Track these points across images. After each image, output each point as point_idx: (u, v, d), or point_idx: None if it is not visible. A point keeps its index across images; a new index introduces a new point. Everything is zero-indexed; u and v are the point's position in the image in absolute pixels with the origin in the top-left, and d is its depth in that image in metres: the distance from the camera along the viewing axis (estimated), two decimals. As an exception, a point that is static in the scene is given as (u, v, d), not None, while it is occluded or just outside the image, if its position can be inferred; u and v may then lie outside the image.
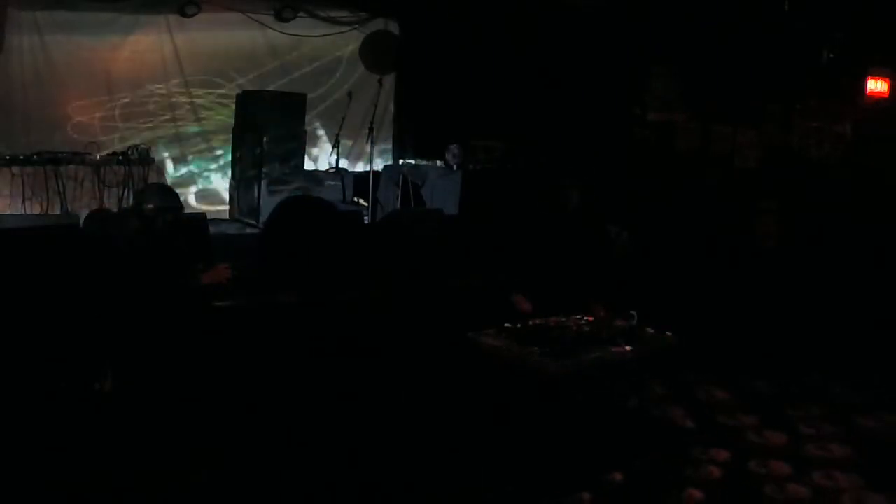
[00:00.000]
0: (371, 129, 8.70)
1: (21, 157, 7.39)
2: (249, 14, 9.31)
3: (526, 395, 4.33)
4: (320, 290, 5.63)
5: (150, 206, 4.72)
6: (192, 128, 9.20)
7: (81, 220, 6.65)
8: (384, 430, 4.56)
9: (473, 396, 4.61)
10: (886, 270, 6.52)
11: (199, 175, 9.23)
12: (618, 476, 4.15)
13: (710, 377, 5.69)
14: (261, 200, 8.41)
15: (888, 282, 6.45)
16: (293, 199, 7.41)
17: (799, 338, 6.30)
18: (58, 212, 7.26)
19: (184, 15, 8.82)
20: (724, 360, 6.02)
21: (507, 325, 4.61)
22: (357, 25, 10.05)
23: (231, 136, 9.28)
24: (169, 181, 8.30)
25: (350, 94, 8.78)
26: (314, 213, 6.48)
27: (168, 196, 4.88)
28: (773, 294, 6.88)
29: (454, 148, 8.73)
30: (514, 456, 4.21)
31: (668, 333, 4.73)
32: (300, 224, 6.08)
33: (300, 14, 9.57)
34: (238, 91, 9.24)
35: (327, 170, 9.11)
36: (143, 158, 7.88)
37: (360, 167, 9.76)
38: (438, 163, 8.99)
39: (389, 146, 10.44)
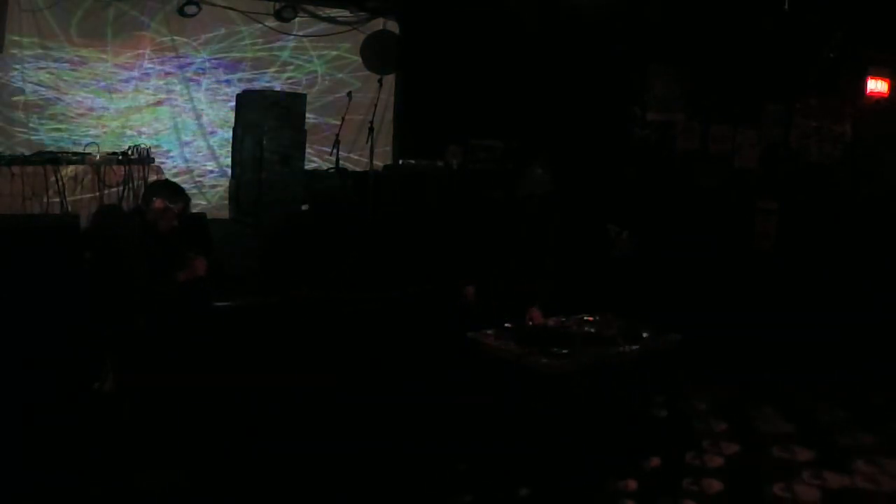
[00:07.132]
0: (371, 129, 8.68)
1: (21, 157, 7.38)
2: (249, 14, 9.31)
3: (526, 395, 4.33)
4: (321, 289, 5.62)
5: (158, 202, 4.72)
6: (192, 127, 9.19)
7: (81, 221, 6.64)
8: (383, 429, 4.56)
9: (473, 396, 4.61)
10: (886, 270, 6.52)
11: (199, 174, 9.22)
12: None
13: (707, 378, 5.69)
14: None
15: (887, 282, 6.45)
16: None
17: (797, 338, 6.31)
18: (58, 212, 7.25)
19: (184, 15, 8.82)
20: (723, 360, 6.02)
21: (507, 325, 4.62)
22: (357, 25, 10.05)
23: (231, 136, 9.28)
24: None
25: (350, 94, 8.76)
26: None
27: (176, 193, 4.87)
28: (771, 294, 6.88)
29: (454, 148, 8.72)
30: (513, 455, 4.21)
31: (669, 333, 4.73)
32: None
33: (300, 14, 9.58)
34: (238, 91, 9.24)
35: (327, 170, 9.10)
36: (143, 158, 7.87)
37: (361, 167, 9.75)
38: (439, 163, 8.98)
39: (389, 146, 10.43)
